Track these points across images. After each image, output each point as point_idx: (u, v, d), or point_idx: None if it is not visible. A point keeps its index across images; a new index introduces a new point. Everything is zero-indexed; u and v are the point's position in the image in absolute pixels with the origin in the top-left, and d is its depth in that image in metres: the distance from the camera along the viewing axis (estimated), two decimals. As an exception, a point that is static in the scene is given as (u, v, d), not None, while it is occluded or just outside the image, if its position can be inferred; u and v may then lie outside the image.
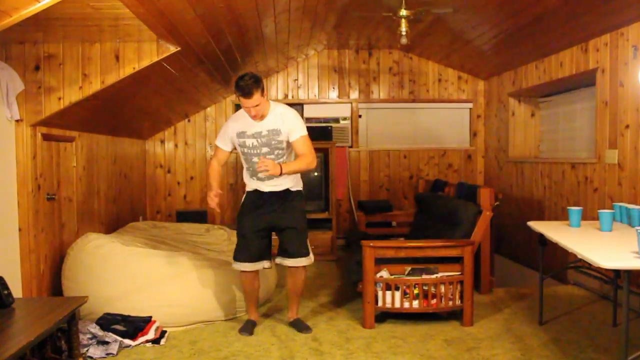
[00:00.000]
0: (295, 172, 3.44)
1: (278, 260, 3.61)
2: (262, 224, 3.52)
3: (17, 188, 3.49)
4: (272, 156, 3.42)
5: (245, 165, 3.57)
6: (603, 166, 4.37)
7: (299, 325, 3.67)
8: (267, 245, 3.61)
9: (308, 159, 3.39)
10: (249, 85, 3.25)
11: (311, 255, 3.61)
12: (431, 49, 6.35)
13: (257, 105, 3.31)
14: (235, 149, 3.58)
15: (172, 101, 5.76)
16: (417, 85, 6.86)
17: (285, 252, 3.56)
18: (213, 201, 3.50)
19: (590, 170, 4.55)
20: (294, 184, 3.55)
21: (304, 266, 3.60)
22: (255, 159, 3.43)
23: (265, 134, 3.42)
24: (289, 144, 3.47)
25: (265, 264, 3.60)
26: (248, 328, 3.61)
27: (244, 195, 3.65)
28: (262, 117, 3.41)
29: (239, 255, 3.56)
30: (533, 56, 5.37)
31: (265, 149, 3.44)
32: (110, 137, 5.11)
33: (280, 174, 3.28)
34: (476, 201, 4.38)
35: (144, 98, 4.96)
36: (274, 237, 3.67)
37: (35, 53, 3.49)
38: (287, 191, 3.53)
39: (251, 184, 3.57)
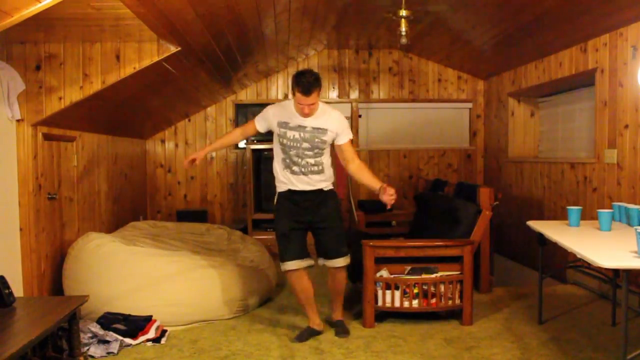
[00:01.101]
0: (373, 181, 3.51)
1: (321, 261, 3.54)
2: (300, 223, 3.45)
3: (18, 188, 3.49)
4: (311, 153, 3.37)
5: (280, 156, 3.45)
6: (602, 166, 4.38)
7: (339, 327, 3.60)
8: (306, 243, 3.52)
9: (360, 162, 3.52)
10: (311, 83, 3.21)
11: (349, 255, 3.56)
12: (431, 48, 6.36)
13: (312, 104, 3.28)
14: (270, 133, 3.53)
15: (172, 101, 5.77)
16: (417, 85, 6.87)
17: (325, 253, 3.50)
18: (189, 160, 3.49)
19: (590, 170, 4.56)
20: (327, 184, 3.51)
21: (345, 266, 3.54)
22: (293, 152, 3.37)
23: (309, 130, 3.36)
24: (329, 146, 3.46)
25: (308, 261, 3.50)
26: (303, 335, 3.49)
27: (276, 196, 3.54)
28: (312, 115, 3.38)
29: (285, 255, 3.44)
30: (533, 56, 5.37)
31: (306, 145, 3.37)
32: (110, 137, 5.12)
33: (388, 205, 3.36)
34: (476, 201, 4.38)
35: (145, 98, 4.97)
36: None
37: (36, 53, 3.50)
38: (320, 191, 3.47)
39: (283, 181, 3.47)
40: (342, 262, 3.50)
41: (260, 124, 3.53)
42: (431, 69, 6.87)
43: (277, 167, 3.48)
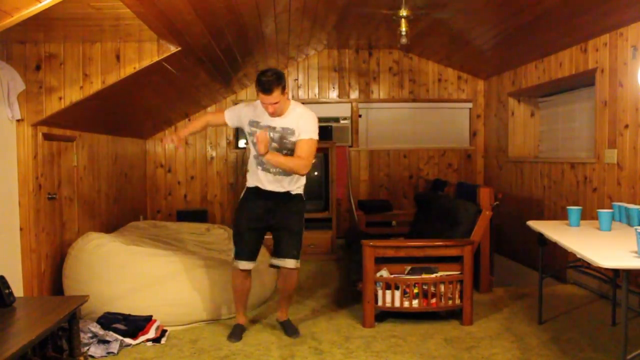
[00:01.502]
0: (278, 165, 3.28)
1: (274, 261, 3.54)
2: (260, 223, 3.45)
3: (18, 187, 3.50)
4: (281, 154, 3.32)
5: (252, 154, 3.46)
6: (602, 166, 4.38)
7: (288, 327, 3.62)
8: (261, 244, 3.56)
9: (301, 162, 3.25)
10: (269, 82, 3.16)
11: (298, 260, 3.51)
12: (431, 48, 6.36)
13: (275, 103, 3.21)
14: (236, 128, 3.56)
15: (172, 101, 5.77)
16: (417, 85, 6.87)
17: (276, 252, 3.51)
18: (170, 139, 3.47)
19: (590, 170, 4.56)
20: (296, 186, 3.48)
21: (295, 268, 3.50)
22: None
23: (278, 129, 3.33)
24: None
25: (253, 264, 3.53)
26: (237, 333, 3.52)
27: (243, 191, 3.57)
28: (279, 115, 3.32)
29: (239, 254, 3.47)
30: (533, 56, 5.37)
31: (274, 145, 3.33)
32: (110, 137, 5.12)
33: (262, 155, 3.16)
34: (476, 201, 4.38)
35: (145, 98, 4.97)
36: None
37: (36, 53, 3.50)
38: (287, 193, 3.45)
39: (253, 178, 3.47)
40: (292, 263, 3.47)
41: (231, 119, 3.53)
42: (431, 69, 6.88)
43: (250, 165, 3.49)
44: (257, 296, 4.17)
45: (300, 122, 3.32)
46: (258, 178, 3.43)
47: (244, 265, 3.47)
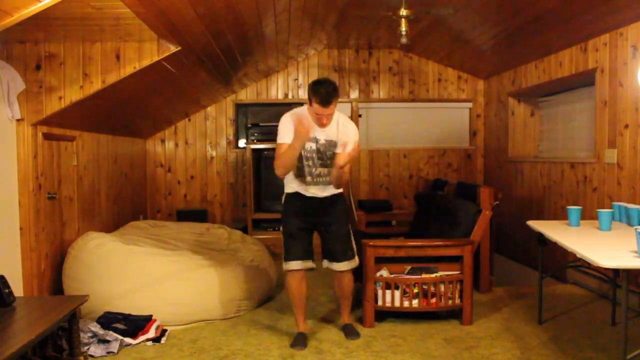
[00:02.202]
0: (343, 180, 3.35)
1: (325, 264, 3.47)
2: (306, 223, 3.40)
3: (18, 187, 3.50)
4: (322, 163, 3.33)
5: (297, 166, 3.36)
6: (602, 166, 4.38)
7: (348, 331, 3.53)
8: (311, 244, 3.46)
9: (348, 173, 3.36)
10: (330, 93, 3.10)
11: (356, 258, 3.48)
12: (431, 48, 6.36)
13: (330, 114, 3.19)
14: None
15: (172, 100, 5.77)
16: (417, 84, 6.87)
17: (330, 255, 3.44)
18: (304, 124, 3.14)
19: (590, 169, 4.56)
20: (335, 190, 3.44)
21: (351, 269, 3.45)
22: (308, 162, 3.30)
23: (322, 142, 3.30)
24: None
25: (310, 263, 3.42)
26: (300, 341, 3.37)
27: (284, 197, 3.48)
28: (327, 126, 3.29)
29: (289, 255, 3.37)
30: (533, 56, 5.37)
31: (318, 156, 3.31)
32: (110, 137, 5.12)
33: (342, 167, 3.17)
34: (476, 200, 4.38)
35: (145, 97, 4.97)
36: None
37: (36, 52, 3.50)
38: (329, 197, 3.41)
39: (292, 186, 3.41)
40: (345, 265, 3.42)
41: (289, 138, 3.22)
42: (431, 69, 6.87)
43: (289, 175, 3.40)
44: (259, 294, 4.17)
45: (342, 134, 3.30)
46: (299, 187, 3.39)
47: (296, 265, 3.36)
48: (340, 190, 3.47)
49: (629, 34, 4.02)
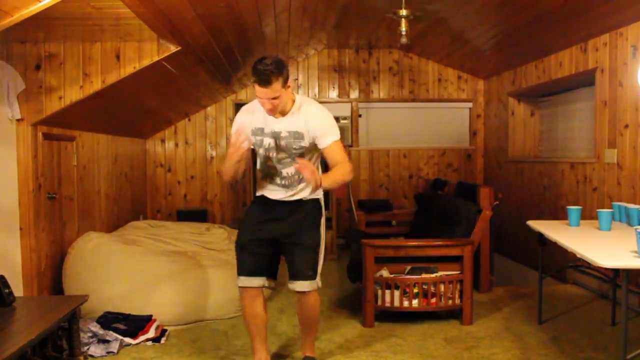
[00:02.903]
0: (333, 186, 2.79)
1: (289, 284, 2.87)
2: (264, 234, 2.82)
3: (18, 187, 3.50)
4: (290, 161, 2.76)
5: (258, 167, 2.88)
6: (602, 166, 4.38)
7: None
8: (271, 260, 2.87)
9: (345, 168, 2.70)
10: (268, 71, 2.54)
11: (318, 280, 2.83)
12: (431, 48, 6.36)
13: (274, 98, 2.60)
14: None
15: (172, 100, 5.77)
16: (417, 84, 6.87)
17: (289, 273, 2.84)
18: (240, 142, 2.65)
19: (590, 169, 4.56)
20: (309, 192, 2.83)
21: (313, 291, 2.83)
22: (271, 163, 2.80)
23: (285, 135, 2.71)
24: (312, 151, 2.77)
25: (266, 281, 2.85)
26: None
27: (251, 201, 3.06)
28: (281, 113, 2.70)
29: (239, 269, 2.85)
30: (532, 56, 5.37)
31: (282, 155, 2.75)
32: (110, 137, 5.12)
33: (317, 187, 2.63)
34: (476, 200, 4.38)
35: (145, 97, 4.97)
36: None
37: (36, 52, 3.50)
38: (299, 201, 2.84)
39: (261, 186, 2.91)
40: (306, 285, 2.78)
41: (243, 135, 2.70)
42: (431, 69, 6.88)
43: (258, 171, 2.91)
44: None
45: (311, 125, 2.70)
46: (266, 188, 2.88)
47: (244, 282, 2.82)
48: (318, 196, 2.89)
49: (629, 34, 4.02)
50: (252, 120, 2.78)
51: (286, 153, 2.75)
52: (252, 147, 2.80)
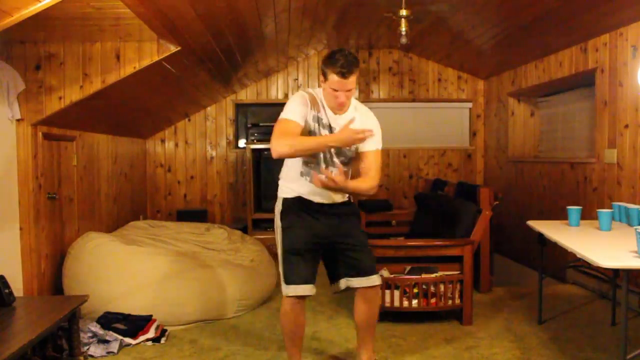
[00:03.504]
0: (350, 192, 2.74)
1: (343, 282, 2.78)
2: (316, 238, 2.70)
3: (18, 187, 3.50)
4: (338, 162, 2.69)
5: (305, 160, 2.68)
6: (602, 166, 4.38)
7: None
8: (317, 267, 2.78)
9: (373, 183, 2.68)
10: (351, 63, 2.49)
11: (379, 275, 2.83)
12: (431, 48, 6.36)
13: (349, 90, 2.57)
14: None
15: (172, 100, 5.77)
16: (417, 84, 6.87)
17: (356, 270, 2.73)
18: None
19: (590, 169, 4.56)
20: (346, 195, 2.82)
21: (379, 287, 2.84)
22: (321, 156, 2.66)
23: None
24: (355, 157, 2.72)
25: (314, 289, 2.74)
26: None
27: (281, 202, 2.76)
28: (345, 110, 2.68)
29: (294, 276, 2.65)
30: (532, 56, 5.37)
31: (334, 155, 2.68)
32: (110, 137, 5.12)
33: (336, 187, 2.52)
34: (476, 200, 4.38)
35: (145, 97, 4.97)
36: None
37: (36, 52, 3.50)
38: (339, 204, 2.78)
39: (294, 188, 2.73)
40: (377, 279, 2.77)
41: (299, 116, 2.59)
42: (431, 69, 6.87)
43: (293, 169, 2.72)
44: (259, 293, 4.16)
45: (366, 126, 2.65)
46: (304, 189, 2.71)
47: (302, 290, 2.66)
48: (350, 198, 2.88)
49: (629, 34, 4.02)
50: (314, 105, 2.66)
51: (336, 153, 2.67)
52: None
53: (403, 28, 4.14)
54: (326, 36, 5.98)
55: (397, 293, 3.70)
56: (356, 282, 2.75)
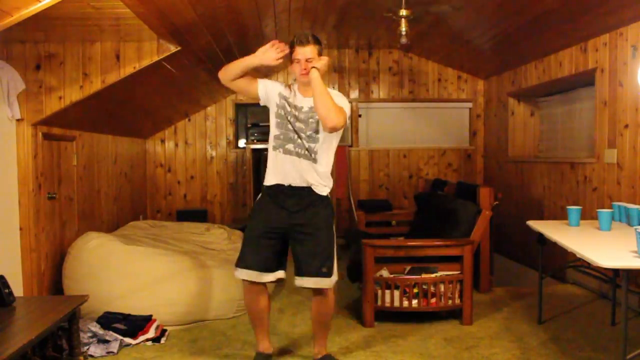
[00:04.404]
0: (320, 95, 2.83)
1: (297, 280, 2.89)
2: (276, 223, 2.89)
3: (18, 187, 3.50)
4: (304, 135, 2.92)
5: (274, 133, 2.96)
6: (602, 166, 4.38)
7: None
8: (281, 252, 2.93)
9: (340, 113, 2.86)
10: (307, 34, 2.91)
11: (334, 277, 2.89)
12: (431, 48, 6.36)
13: (309, 59, 2.87)
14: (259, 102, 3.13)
15: (172, 100, 5.77)
16: (417, 84, 6.87)
17: (299, 269, 2.88)
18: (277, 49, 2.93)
19: (590, 169, 4.56)
20: (319, 183, 2.92)
21: (327, 290, 2.89)
22: (289, 126, 2.93)
23: (306, 110, 2.94)
24: (328, 140, 2.95)
25: (280, 273, 2.91)
26: None
27: (260, 194, 3.07)
28: (307, 94, 2.96)
29: (242, 260, 2.88)
30: (532, 56, 5.37)
31: (299, 125, 2.92)
32: (110, 137, 5.12)
33: (311, 70, 2.86)
34: (476, 200, 4.38)
35: (145, 97, 4.97)
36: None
37: (36, 52, 3.50)
38: (310, 191, 2.90)
39: (271, 170, 2.97)
40: (316, 282, 2.84)
41: (264, 84, 3.07)
42: (431, 69, 6.88)
43: (270, 151, 3.00)
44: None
45: None
46: (278, 165, 2.94)
47: (247, 274, 2.87)
48: (326, 193, 2.97)
49: (629, 34, 4.02)
50: (283, 88, 3.06)
51: (304, 125, 2.95)
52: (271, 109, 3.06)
53: (403, 28, 4.14)
54: (326, 36, 5.98)
55: (397, 293, 3.70)
56: (301, 281, 2.88)
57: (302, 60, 2.91)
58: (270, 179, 2.98)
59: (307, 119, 2.95)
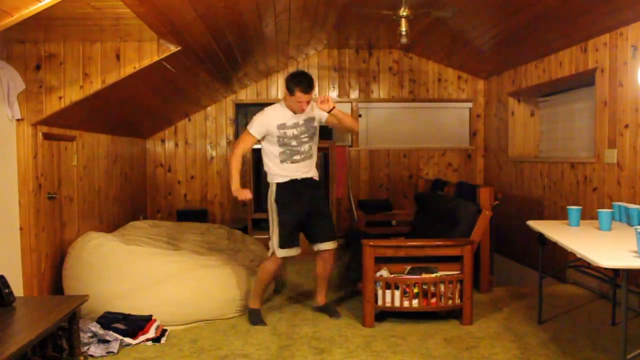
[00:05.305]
0: (344, 117, 3.77)
1: (318, 246, 3.80)
2: (305, 207, 3.73)
3: (18, 187, 3.50)
4: (307, 138, 3.71)
5: (278, 151, 3.69)
6: (602, 166, 4.38)
7: (329, 310, 3.92)
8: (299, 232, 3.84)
9: (355, 121, 3.76)
10: (310, 83, 3.57)
11: (336, 241, 3.91)
12: (431, 48, 6.36)
13: (308, 101, 3.62)
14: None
15: (172, 100, 5.77)
16: (417, 84, 6.87)
17: (318, 237, 3.79)
18: (247, 193, 3.69)
19: (590, 169, 4.56)
20: (316, 171, 3.87)
21: (335, 250, 3.86)
22: (294, 143, 3.67)
23: (301, 123, 3.69)
24: (315, 135, 3.81)
25: (299, 249, 3.81)
26: (260, 318, 3.78)
27: (275, 188, 3.73)
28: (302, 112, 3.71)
29: (287, 243, 3.68)
30: (533, 56, 5.37)
31: (304, 137, 3.71)
32: (110, 136, 5.12)
33: (332, 110, 3.63)
34: (476, 200, 4.38)
35: (145, 97, 4.97)
36: None
37: (36, 52, 3.50)
38: (312, 180, 3.80)
39: (281, 174, 3.71)
40: (333, 244, 3.84)
41: (258, 132, 3.71)
42: (431, 69, 6.88)
43: (273, 163, 3.74)
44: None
45: (315, 109, 3.74)
46: (289, 171, 3.71)
47: (293, 252, 3.71)
48: (318, 178, 3.89)
49: (629, 34, 4.02)
50: (277, 118, 3.69)
51: (307, 135, 3.73)
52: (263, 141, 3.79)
53: (403, 28, 4.14)
54: (326, 36, 5.98)
55: (397, 293, 3.70)
56: (322, 245, 3.81)
57: (303, 102, 3.60)
58: (281, 178, 3.72)
59: (308, 129, 3.72)
